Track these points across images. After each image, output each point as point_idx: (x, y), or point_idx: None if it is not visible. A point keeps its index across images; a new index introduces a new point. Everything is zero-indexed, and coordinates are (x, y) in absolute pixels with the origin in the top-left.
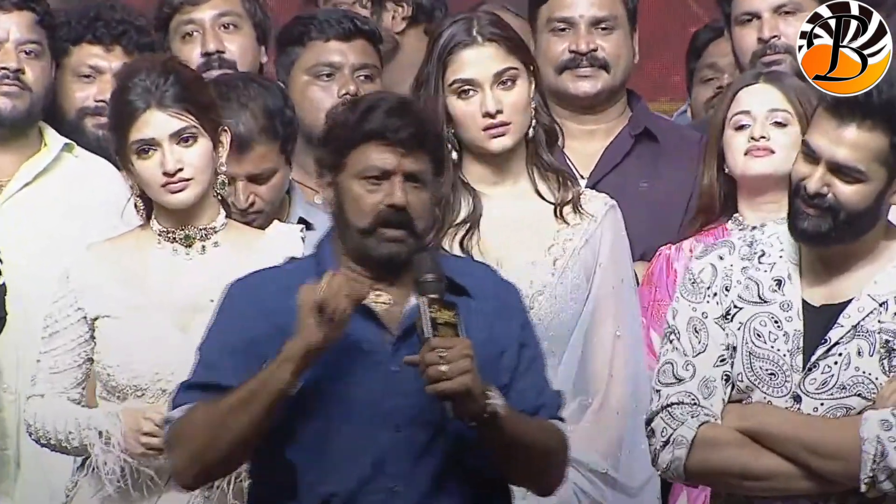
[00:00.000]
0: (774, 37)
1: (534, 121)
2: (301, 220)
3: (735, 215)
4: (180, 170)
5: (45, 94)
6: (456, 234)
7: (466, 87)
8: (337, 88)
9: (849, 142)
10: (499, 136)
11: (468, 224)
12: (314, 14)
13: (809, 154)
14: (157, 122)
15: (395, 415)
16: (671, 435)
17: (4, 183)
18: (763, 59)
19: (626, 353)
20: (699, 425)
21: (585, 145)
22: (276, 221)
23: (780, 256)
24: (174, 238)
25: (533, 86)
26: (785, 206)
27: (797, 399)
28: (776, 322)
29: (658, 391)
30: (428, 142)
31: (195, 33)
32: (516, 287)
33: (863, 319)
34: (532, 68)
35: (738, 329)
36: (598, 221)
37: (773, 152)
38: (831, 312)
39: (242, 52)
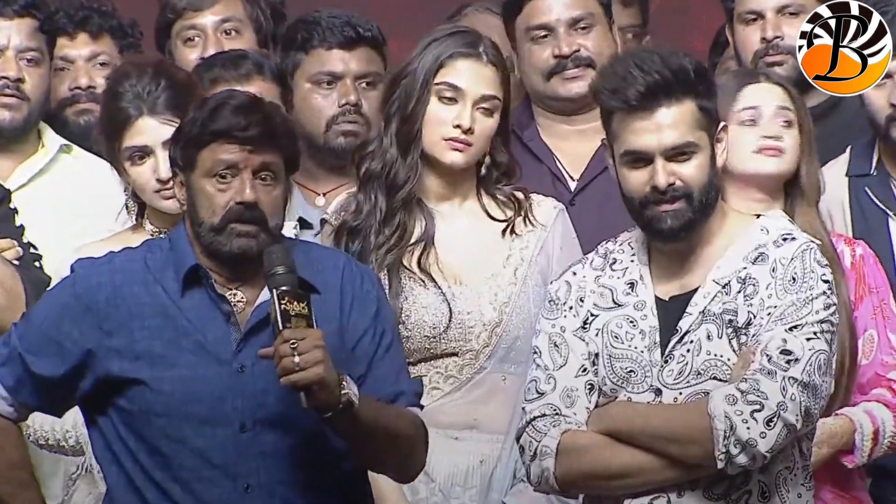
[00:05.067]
0: (777, 37)
1: (487, 158)
2: (300, 220)
3: None
4: None
5: (44, 101)
6: (413, 253)
7: (450, 94)
8: (338, 97)
9: (669, 123)
10: (457, 150)
11: (423, 242)
12: (318, 19)
13: (637, 160)
14: (150, 130)
15: (238, 415)
16: (536, 447)
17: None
18: (765, 58)
19: None
20: (562, 433)
21: (576, 146)
22: None
23: (632, 261)
24: None
25: (498, 123)
26: (775, 200)
27: (658, 392)
28: (632, 322)
29: (524, 408)
30: (277, 138)
31: (197, 38)
32: (372, 275)
33: (709, 304)
34: (505, 106)
35: (597, 335)
36: (549, 227)
37: (782, 152)
38: (681, 303)
39: None
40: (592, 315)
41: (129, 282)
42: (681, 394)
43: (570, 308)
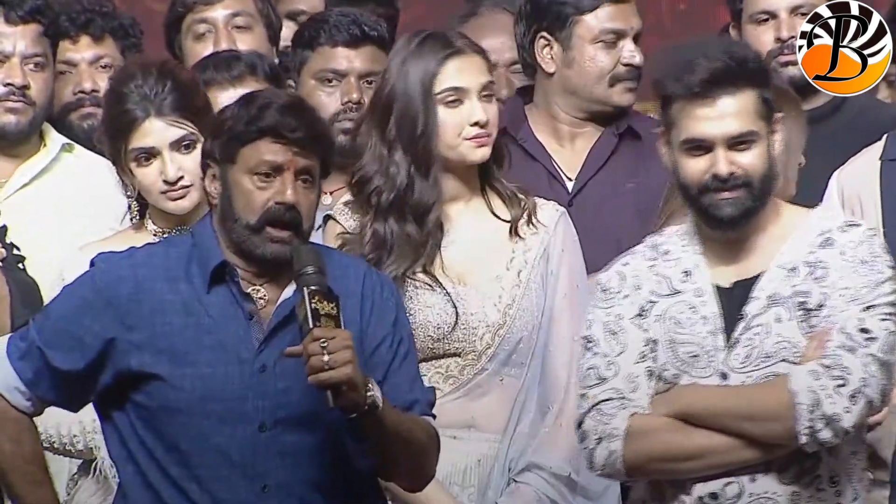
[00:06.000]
0: (793, 37)
1: None
2: None
3: None
4: (181, 177)
5: (49, 104)
6: None
7: (454, 97)
8: (341, 95)
9: (732, 112)
10: (482, 146)
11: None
12: (326, 17)
13: (697, 148)
14: (157, 131)
15: (258, 414)
16: (603, 431)
17: (2, 184)
18: (779, 58)
19: None
20: (630, 416)
21: (571, 145)
22: None
23: (684, 250)
24: None
25: None
26: None
27: (724, 377)
28: (692, 308)
29: (584, 394)
30: (320, 142)
31: (208, 33)
32: (390, 282)
33: (777, 288)
34: None
35: (656, 322)
36: (552, 231)
37: None
38: (744, 288)
39: None
40: (651, 302)
41: (153, 277)
42: (749, 377)
43: (626, 296)
